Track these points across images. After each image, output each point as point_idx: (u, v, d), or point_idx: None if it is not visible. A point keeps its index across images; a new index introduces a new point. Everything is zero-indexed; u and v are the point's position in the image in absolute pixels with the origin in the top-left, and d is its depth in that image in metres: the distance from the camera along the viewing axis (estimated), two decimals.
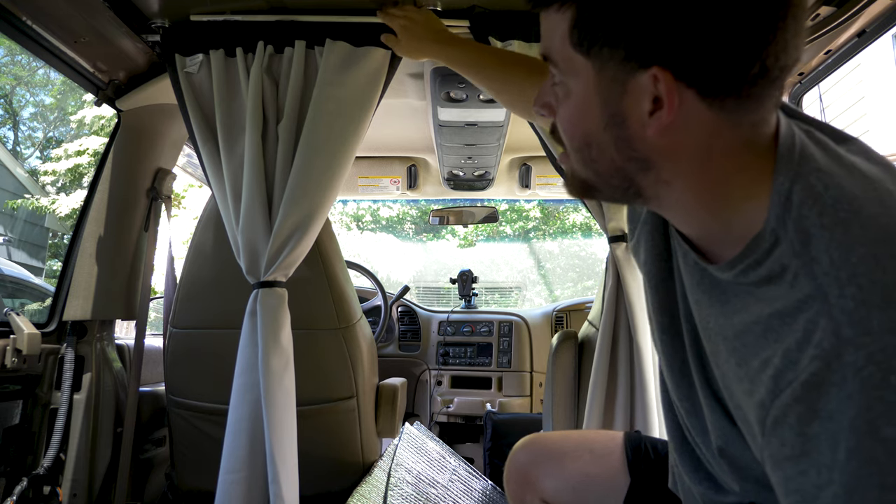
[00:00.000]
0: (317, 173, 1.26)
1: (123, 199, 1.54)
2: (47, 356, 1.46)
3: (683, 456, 0.72)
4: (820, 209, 0.49)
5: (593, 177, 0.60)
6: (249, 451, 1.23)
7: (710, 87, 0.52)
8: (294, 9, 1.31)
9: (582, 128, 0.58)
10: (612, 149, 0.57)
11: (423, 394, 2.69)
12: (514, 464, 0.97)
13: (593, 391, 1.42)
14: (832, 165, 0.52)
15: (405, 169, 2.33)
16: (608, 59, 0.54)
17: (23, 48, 1.28)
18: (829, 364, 0.44)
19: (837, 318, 0.45)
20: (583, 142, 0.58)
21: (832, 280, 0.46)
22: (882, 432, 0.41)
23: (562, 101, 0.59)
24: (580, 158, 0.60)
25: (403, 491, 1.59)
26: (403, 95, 1.69)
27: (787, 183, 0.52)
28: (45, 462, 1.39)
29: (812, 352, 0.46)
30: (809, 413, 0.45)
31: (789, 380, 0.47)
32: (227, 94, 1.31)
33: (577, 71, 0.56)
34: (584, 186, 0.62)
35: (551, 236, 9.00)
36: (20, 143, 12.81)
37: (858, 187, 0.49)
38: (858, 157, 0.53)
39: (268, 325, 1.24)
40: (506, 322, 2.73)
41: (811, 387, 0.45)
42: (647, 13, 0.51)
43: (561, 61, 0.57)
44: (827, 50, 1.34)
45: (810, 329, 0.46)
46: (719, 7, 0.49)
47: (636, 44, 0.52)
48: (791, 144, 0.54)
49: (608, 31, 0.53)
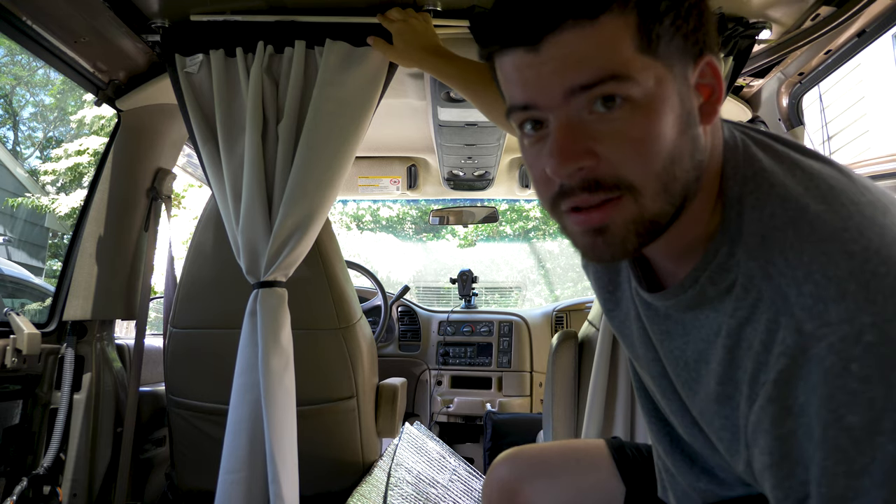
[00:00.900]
0: (317, 173, 1.26)
1: (123, 199, 1.54)
2: (47, 356, 1.46)
3: (675, 457, 0.71)
4: (770, 210, 0.50)
5: (667, 205, 0.51)
6: (249, 451, 1.23)
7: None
8: (294, 9, 1.30)
9: (666, 141, 0.50)
10: (687, 157, 0.51)
11: (423, 394, 2.69)
12: (496, 480, 0.91)
13: (593, 391, 1.42)
14: (774, 164, 0.53)
15: (405, 169, 2.33)
16: (673, 54, 0.50)
17: (23, 48, 1.28)
18: (796, 359, 0.45)
19: (798, 314, 0.45)
20: (667, 159, 0.50)
21: (790, 280, 0.47)
22: (845, 420, 0.41)
23: (629, 124, 0.49)
24: (660, 186, 0.50)
25: (403, 491, 1.59)
26: (403, 95, 1.68)
27: (736, 186, 0.53)
28: (45, 462, 1.39)
29: (778, 349, 0.46)
30: (782, 411, 0.45)
31: (762, 382, 0.47)
32: (227, 94, 1.31)
33: (652, 77, 0.49)
34: (649, 229, 0.52)
35: (551, 236, 8.99)
36: (20, 143, 12.82)
37: (801, 184, 0.50)
38: (796, 153, 0.54)
39: (268, 325, 1.24)
40: (506, 322, 2.73)
41: (781, 384, 0.45)
42: (697, 2, 0.51)
43: (635, 71, 0.48)
44: (827, 50, 1.34)
45: (773, 329, 0.47)
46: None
47: (695, 34, 0.51)
48: (734, 146, 0.55)
49: (672, 25, 0.50)
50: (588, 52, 0.48)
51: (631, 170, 0.50)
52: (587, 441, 1.00)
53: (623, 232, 0.52)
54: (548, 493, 0.87)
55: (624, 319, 0.70)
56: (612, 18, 0.48)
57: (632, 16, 0.48)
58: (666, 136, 0.49)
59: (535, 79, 0.50)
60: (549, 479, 0.88)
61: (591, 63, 0.48)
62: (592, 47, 0.48)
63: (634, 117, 0.49)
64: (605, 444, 0.93)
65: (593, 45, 0.48)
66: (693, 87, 0.52)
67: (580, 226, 0.53)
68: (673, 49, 0.50)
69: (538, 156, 0.53)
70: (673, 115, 0.50)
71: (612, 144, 0.50)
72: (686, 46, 0.51)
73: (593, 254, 0.54)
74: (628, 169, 0.50)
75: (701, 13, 0.51)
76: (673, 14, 0.49)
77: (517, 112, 0.53)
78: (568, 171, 0.50)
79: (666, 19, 0.49)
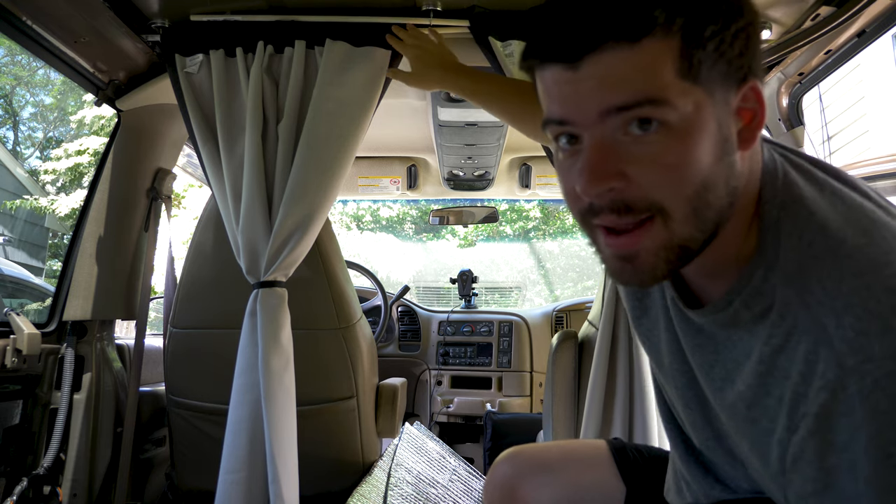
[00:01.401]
0: (317, 173, 1.26)
1: (123, 199, 1.54)
2: (47, 356, 1.46)
3: (690, 465, 0.71)
4: (809, 239, 0.50)
5: (698, 231, 0.51)
6: (249, 451, 1.23)
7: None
8: (294, 9, 1.31)
9: (701, 167, 0.49)
10: (722, 184, 0.51)
11: (423, 394, 2.69)
12: (497, 478, 0.91)
13: (592, 391, 1.42)
14: (814, 191, 0.53)
15: (405, 169, 2.33)
16: (715, 80, 0.49)
17: (23, 48, 1.28)
18: (836, 394, 0.44)
19: (838, 347, 0.45)
20: (700, 185, 0.49)
21: (828, 310, 0.46)
22: (895, 458, 0.41)
23: (663, 149, 0.49)
24: (691, 211, 0.50)
25: (403, 491, 1.59)
26: (403, 95, 1.69)
27: (774, 211, 0.52)
28: (45, 462, 1.39)
29: (818, 383, 0.46)
30: (825, 445, 0.45)
31: (802, 413, 0.47)
32: (227, 94, 1.31)
33: (691, 103, 0.48)
34: (678, 255, 0.52)
35: (551, 236, 8.99)
36: (20, 143, 12.82)
37: (842, 216, 0.50)
38: (838, 183, 0.54)
39: (268, 325, 1.24)
40: (506, 322, 2.73)
41: (822, 419, 0.45)
42: (745, 27, 0.49)
43: (673, 96, 0.48)
44: (827, 50, 1.34)
45: (812, 360, 0.47)
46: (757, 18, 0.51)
47: (740, 59, 0.49)
48: (773, 170, 0.55)
49: (716, 51, 0.48)
50: (626, 74, 0.47)
51: (662, 194, 0.49)
52: (588, 441, 1.00)
53: (653, 259, 0.51)
54: (547, 490, 0.87)
55: (652, 328, 0.70)
56: (654, 42, 0.47)
57: (675, 40, 0.47)
58: (701, 162, 0.49)
59: (572, 96, 0.50)
60: (548, 477, 0.89)
61: (629, 85, 0.48)
62: (631, 70, 0.47)
63: (669, 142, 0.48)
64: (605, 445, 0.93)
65: (632, 68, 0.47)
66: (734, 112, 0.51)
67: (611, 249, 0.53)
68: (715, 74, 0.49)
69: (570, 170, 0.53)
70: (710, 141, 0.49)
71: (645, 168, 0.49)
72: (729, 71, 0.49)
73: (622, 278, 0.53)
74: (659, 193, 0.49)
75: (748, 38, 0.50)
76: (718, 39, 0.48)
77: (553, 125, 0.53)
78: (597, 191, 0.50)
79: (710, 45, 0.48)
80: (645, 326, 0.71)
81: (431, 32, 1.28)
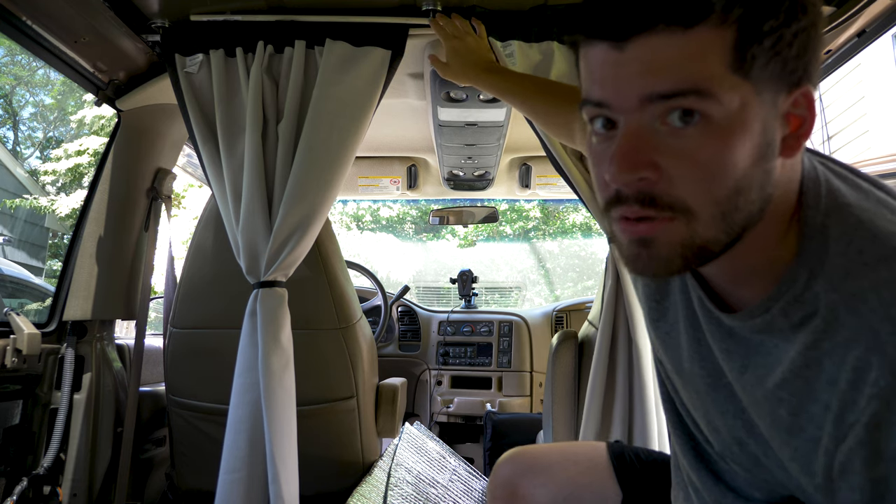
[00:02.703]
0: (317, 173, 1.26)
1: (123, 199, 1.54)
2: (47, 356, 1.46)
3: (700, 473, 0.70)
4: (859, 246, 0.48)
5: (722, 234, 0.49)
6: (249, 451, 1.23)
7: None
8: (294, 9, 1.30)
9: (737, 169, 0.47)
10: (756, 188, 0.49)
11: (423, 394, 2.69)
12: (499, 478, 0.93)
13: (592, 391, 1.42)
14: (860, 199, 0.51)
15: (405, 169, 2.33)
16: (768, 78, 0.47)
17: (23, 48, 1.28)
18: (889, 403, 0.43)
19: (892, 354, 0.44)
20: (733, 189, 0.48)
21: (881, 318, 0.45)
22: None
23: (701, 145, 0.47)
24: (718, 214, 0.48)
25: (403, 491, 1.59)
26: (403, 95, 1.68)
27: (818, 216, 0.50)
28: (45, 462, 1.39)
29: (869, 391, 0.45)
30: (874, 455, 0.44)
31: (850, 422, 0.46)
32: (227, 94, 1.31)
33: (739, 99, 0.46)
34: (697, 254, 0.50)
35: (551, 236, 8.99)
36: (20, 143, 12.82)
37: (892, 225, 0.49)
38: (880, 191, 0.53)
39: (268, 325, 1.24)
40: (506, 322, 2.73)
41: (873, 428, 0.44)
42: (808, 27, 0.47)
43: (720, 90, 0.46)
44: (827, 50, 1.34)
45: (862, 367, 0.45)
46: (818, 22, 0.48)
47: (796, 61, 0.47)
48: (815, 178, 0.53)
49: (773, 48, 0.46)
50: (674, 60, 0.46)
51: (690, 192, 0.48)
52: (588, 443, 1.00)
53: (668, 251, 0.50)
54: (545, 489, 0.89)
55: (670, 331, 0.68)
56: (707, 30, 0.45)
57: (730, 31, 0.45)
58: (737, 164, 0.47)
59: (614, 78, 0.48)
60: (546, 476, 0.90)
61: (675, 72, 0.46)
62: (680, 56, 0.45)
63: (707, 138, 0.47)
64: (605, 448, 0.93)
65: (681, 54, 0.45)
66: (782, 116, 0.49)
67: (626, 235, 0.51)
68: (768, 73, 0.46)
69: (603, 155, 0.51)
70: (751, 143, 0.47)
71: (678, 162, 0.47)
72: (784, 72, 0.47)
73: (636, 266, 0.52)
74: (688, 191, 0.48)
75: (809, 39, 0.47)
76: (776, 36, 0.45)
77: (590, 107, 0.51)
78: (626, 179, 0.48)
79: (767, 40, 0.45)
80: (663, 330, 0.69)
81: (476, 24, 1.27)
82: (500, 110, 1.62)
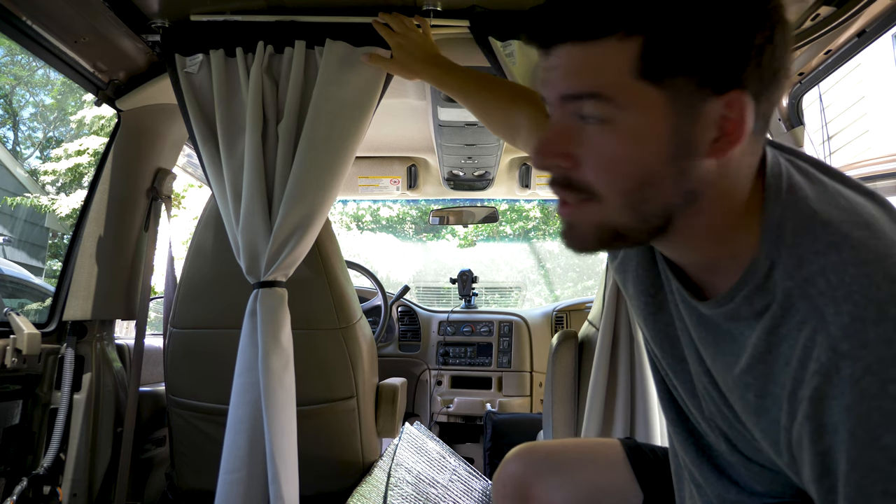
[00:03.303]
0: (317, 173, 1.26)
1: (123, 199, 1.54)
2: (47, 356, 1.46)
3: (703, 468, 0.70)
4: (812, 235, 0.51)
5: (634, 221, 0.55)
6: (249, 451, 1.23)
7: (769, 107, 0.53)
8: (294, 9, 1.31)
9: (640, 166, 0.53)
10: (670, 184, 0.53)
11: (423, 394, 2.69)
12: (508, 474, 0.89)
13: (593, 391, 1.42)
14: (818, 192, 0.54)
15: (405, 169, 2.33)
16: (682, 86, 0.51)
17: (23, 48, 1.28)
18: (829, 377, 0.46)
19: (833, 333, 0.46)
20: (637, 182, 0.53)
21: (827, 300, 0.48)
22: (882, 440, 0.42)
23: (603, 142, 0.53)
24: (626, 203, 0.54)
25: (403, 491, 1.59)
26: (403, 95, 1.69)
27: (777, 210, 0.54)
28: (45, 462, 1.39)
29: (813, 367, 0.47)
30: (819, 429, 0.46)
31: (800, 398, 0.48)
32: (227, 94, 1.31)
33: (641, 103, 0.51)
34: (612, 236, 0.57)
35: (551, 236, 8.99)
36: (20, 143, 12.82)
37: (845, 213, 0.51)
38: (840, 185, 0.55)
39: (268, 325, 1.24)
40: (506, 322, 2.73)
41: (815, 402, 0.47)
42: (728, 38, 0.49)
43: (621, 95, 0.51)
44: (827, 50, 1.34)
45: (809, 346, 0.48)
46: (771, 23, 0.51)
47: (716, 70, 0.50)
48: (779, 174, 0.56)
49: (686, 58, 0.50)
50: (581, 67, 0.52)
51: (597, 180, 0.54)
52: (602, 440, 0.98)
53: (586, 232, 0.57)
54: (562, 490, 0.86)
55: (669, 322, 0.69)
56: (611, 43, 0.51)
57: (635, 43, 0.50)
58: (639, 161, 0.52)
59: (545, 78, 0.56)
60: (564, 477, 0.87)
61: (579, 78, 0.52)
62: (584, 64, 0.52)
63: (608, 136, 0.52)
64: (619, 445, 0.91)
65: (584, 63, 0.52)
66: (714, 120, 0.51)
67: (559, 215, 0.59)
68: (683, 80, 0.50)
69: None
70: (657, 144, 0.52)
71: (586, 153, 0.54)
72: (705, 79, 0.50)
73: (564, 242, 0.59)
74: (595, 179, 0.54)
75: (731, 48, 0.50)
76: (688, 47, 0.49)
77: (543, 101, 0.59)
78: (541, 164, 0.56)
79: (678, 51, 0.50)
80: (662, 322, 0.70)
81: (420, 23, 1.28)
82: None
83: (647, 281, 0.70)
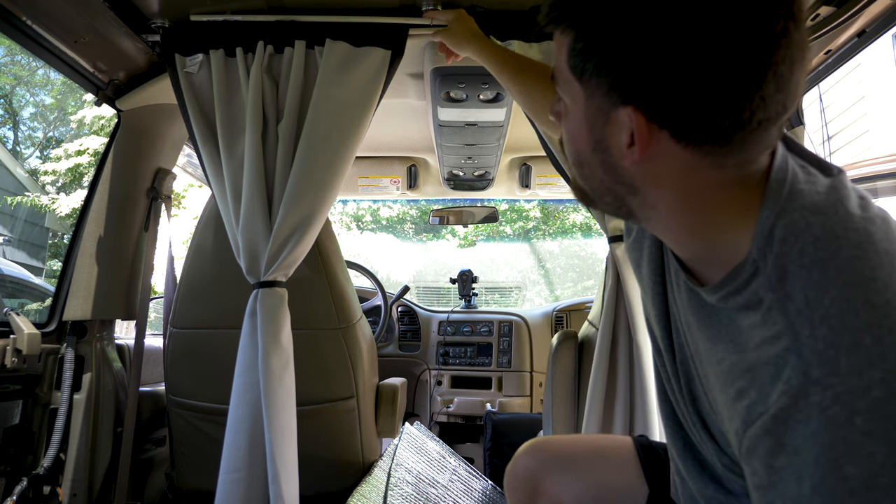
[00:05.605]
0: (317, 173, 1.26)
1: (123, 199, 1.54)
2: (47, 356, 1.46)
3: (687, 462, 0.71)
4: (800, 247, 0.50)
5: (588, 189, 0.64)
6: (249, 451, 1.23)
7: (683, 132, 0.52)
8: (294, 9, 1.31)
9: (575, 146, 0.61)
10: (599, 171, 0.59)
11: (423, 394, 2.69)
12: (519, 470, 0.90)
13: (593, 391, 1.42)
14: (818, 204, 0.53)
15: (405, 169, 2.33)
16: (596, 87, 0.55)
17: (23, 48, 1.28)
18: (797, 401, 0.46)
19: (807, 357, 0.46)
20: (576, 159, 0.62)
21: (804, 319, 0.47)
22: (844, 470, 0.42)
23: (564, 116, 0.62)
24: (577, 173, 0.64)
25: (403, 491, 1.59)
26: (403, 95, 1.69)
27: (771, 217, 0.53)
28: (45, 462, 1.39)
29: (781, 387, 0.47)
30: (777, 446, 0.47)
31: (760, 412, 0.49)
32: (227, 94, 1.31)
33: (572, 94, 0.58)
34: (584, 195, 0.66)
35: (551, 236, 8.99)
36: (20, 143, 12.82)
37: (840, 227, 0.50)
38: (846, 196, 0.54)
39: (268, 324, 1.24)
40: (506, 322, 2.73)
41: (779, 421, 0.47)
42: (632, 53, 0.51)
43: (562, 82, 0.59)
44: (827, 50, 1.34)
45: (780, 364, 0.48)
46: (698, 62, 0.49)
47: (619, 79, 0.53)
48: (782, 180, 0.55)
49: (598, 62, 0.54)
50: (556, 50, 0.59)
51: (565, 148, 0.64)
52: (614, 437, 0.97)
53: (574, 185, 0.67)
54: (573, 487, 0.86)
55: (673, 302, 0.70)
56: (559, 34, 0.57)
57: (568, 37, 0.56)
58: (575, 142, 0.61)
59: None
60: (575, 473, 0.87)
61: (552, 60, 0.61)
62: (556, 48, 0.59)
63: (563, 114, 0.62)
64: (631, 443, 0.91)
65: (556, 48, 0.59)
66: (621, 125, 0.54)
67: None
68: (594, 83, 0.55)
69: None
70: (580, 132, 0.59)
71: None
72: (616, 85, 0.53)
73: (573, 191, 0.68)
74: (565, 146, 0.64)
75: (632, 66, 0.51)
76: (592, 55, 0.54)
77: None
78: (552, 117, 0.66)
79: (586, 56, 0.54)
80: (668, 301, 0.71)
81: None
82: (500, 110, 1.62)
83: (658, 259, 0.71)
